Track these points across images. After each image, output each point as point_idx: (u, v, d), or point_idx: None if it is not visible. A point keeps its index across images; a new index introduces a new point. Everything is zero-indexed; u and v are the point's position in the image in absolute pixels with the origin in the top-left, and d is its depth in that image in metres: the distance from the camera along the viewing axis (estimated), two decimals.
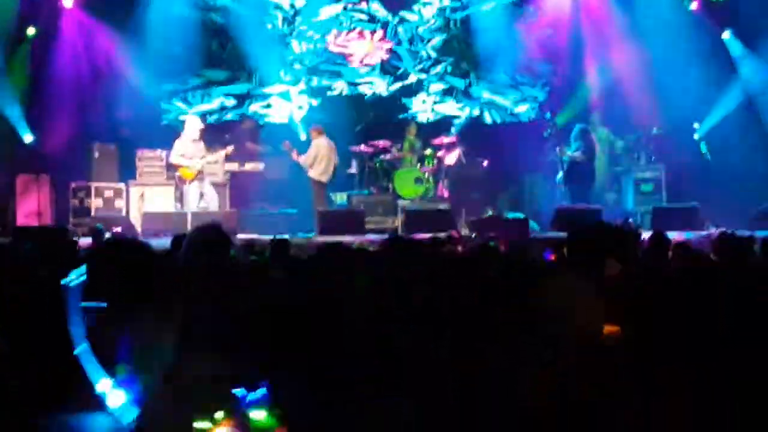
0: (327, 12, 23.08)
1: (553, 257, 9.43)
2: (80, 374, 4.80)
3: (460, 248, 10.98)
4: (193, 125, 18.83)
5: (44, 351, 5.07)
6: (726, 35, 21.03)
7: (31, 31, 20.64)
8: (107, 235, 14.55)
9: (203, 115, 21.15)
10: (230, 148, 19.38)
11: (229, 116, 22.81)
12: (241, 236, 16.76)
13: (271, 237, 12.24)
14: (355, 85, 23.16)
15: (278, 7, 23.04)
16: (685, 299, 4.92)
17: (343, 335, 4.76)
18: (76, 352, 4.86)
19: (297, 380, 4.59)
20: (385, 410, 4.32)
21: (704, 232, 14.89)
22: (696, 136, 20.34)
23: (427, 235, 13.05)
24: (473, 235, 15.83)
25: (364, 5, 23.23)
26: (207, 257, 5.94)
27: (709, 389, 4.13)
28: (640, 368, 4.24)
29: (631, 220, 19.14)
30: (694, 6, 21.03)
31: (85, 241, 14.25)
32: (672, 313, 4.77)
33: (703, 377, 4.18)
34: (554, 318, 4.25)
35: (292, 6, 23.09)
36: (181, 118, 21.24)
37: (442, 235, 13.29)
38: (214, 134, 20.15)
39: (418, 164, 20.67)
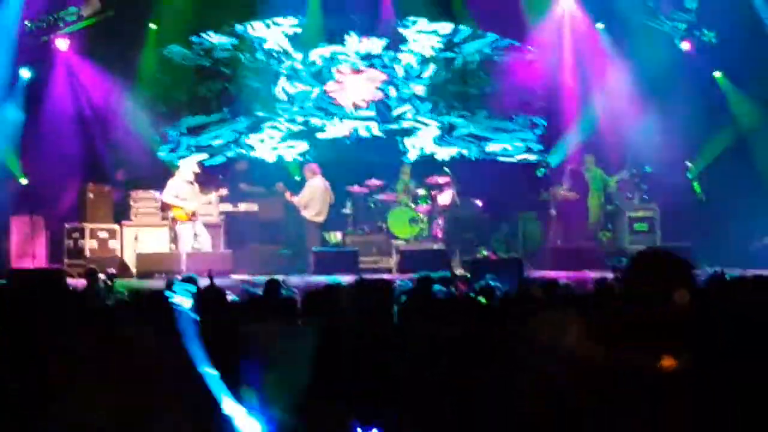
0: (319, 53, 23.21)
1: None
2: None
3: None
4: (188, 167, 18.86)
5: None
6: (717, 74, 21.16)
7: (25, 73, 20.70)
8: (102, 276, 14.52)
9: (196, 156, 21.15)
10: (224, 191, 19.41)
11: (222, 157, 22.85)
12: (235, 276, 16.81)
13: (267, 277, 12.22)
14: (349, 125, 23.22)
15: (271, 49, 23.15)
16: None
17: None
18: (200, 370, 4.85)
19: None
20: None
21: (697, 272, 14.88)
22: (689, 176, 20.40)
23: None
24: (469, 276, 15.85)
25: (355, 46, 23.35)
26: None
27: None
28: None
29: (624, 259, 19.15)
30: (685, 46, 21.13)
31: (81, 282, 14.25)
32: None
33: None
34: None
35: (284, 49, 23.20)
36: (176, 159, 21.31)
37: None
38: (208, 175, 20.16)
39: (413, 204, 20.68)
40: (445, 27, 23.45)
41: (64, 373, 5.24)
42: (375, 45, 23.41)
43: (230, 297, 9.16)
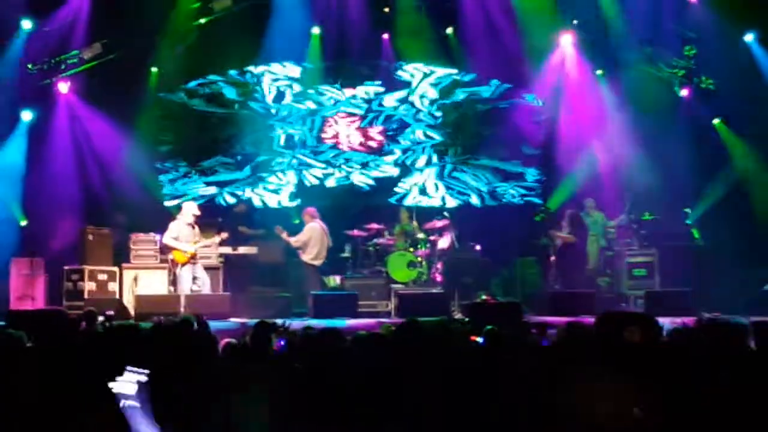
0: (319, 99, 23.34)
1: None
2: None
3: None
4: (189, 210, 18.88)
5: None
6: (716, 121, 21.24)
7: (27, 115, 20.77)
8: (100, 318, 14.49)
9: (197, 200, 21.17)
10: (224, 235, 19.42)
11: (221, 200, 22.89)
12: (233, 320, 16.77)
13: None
14: (348, 170, 23.28)
15: (271, 94, 23.26)
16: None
17: None
18: None
19: None
20: None
21: (695, 318, 14.83)
22: (688, 221, 20.42)
23: None
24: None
25: (354, 92, 23.47)
26: None
27: None
28: None
29: (623, 305, 19.19)
30: (684, 93, 21.22)
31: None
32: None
33: None
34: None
35: (284, 94, 23.32)
36: (176, 202, 21.38)
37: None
38: (208, 218, 20.16)
39: (411, 248, 20.67)
40: (445, 73, 23.57)
41: None
42: (375, 91, 23.51)
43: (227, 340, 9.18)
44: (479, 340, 9.28)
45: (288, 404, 5.41)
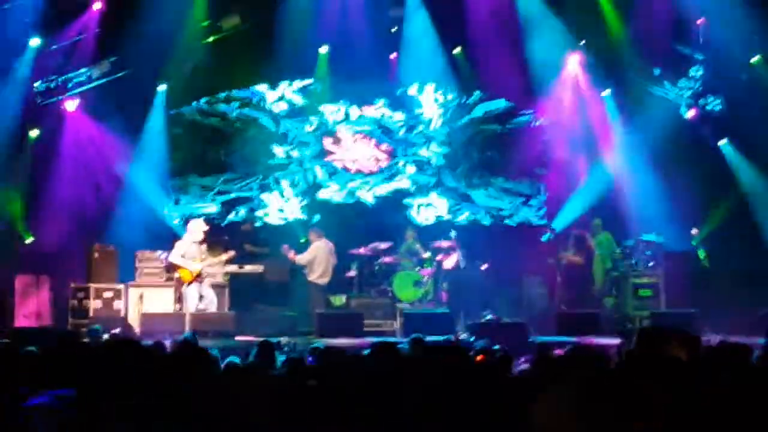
0: (326, 117, 23.36)
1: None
2: None
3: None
4: (196, 227, 18.89)
5: None
6: (723, 142, 21.23)
7: (33, 133, 20.82)
8: (105, 336, 14.56)
9: (203, 218, 21.17)
10: (232, 253, 19.46)
11: (228, 218, 22.91)
12: (239, 338, 16.79)
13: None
14: (354, 188, 23.29)
15: (279, 112, 23.30)
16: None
17: None
18: None
19: None
20: None
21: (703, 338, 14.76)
22: (693, 242, 20.41)
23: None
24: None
25: (362, 111, 23.49)
26: None
27: None
28: None
29: (629, 325, 19.15)
30: (690, 114, 21.19)
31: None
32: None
33: None
34: None
35: (292, 112, 23.35)
36: (182, 220, 21.41)
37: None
38: (214, 236, 20.18)
39: (417, 267, 20.68)
40: (452, 92, 23.57)
41: None
42: (383, 110, 23.54)
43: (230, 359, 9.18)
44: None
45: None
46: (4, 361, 7.40)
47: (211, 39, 21.98)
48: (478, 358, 9.65)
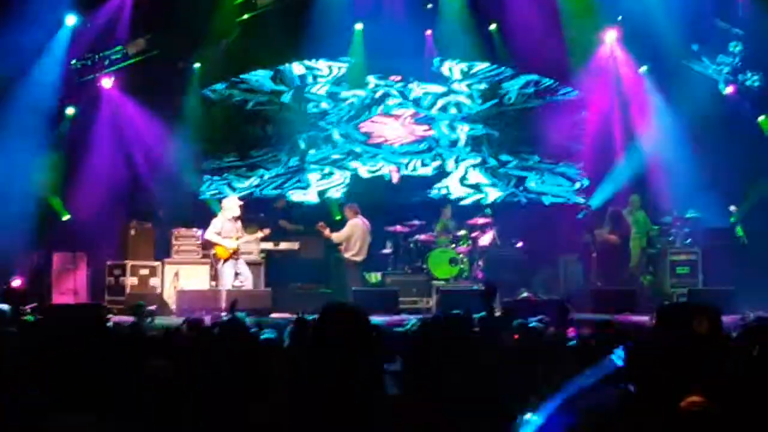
0: (362, 94, 23.35)
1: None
2: None
3: None
4: (231, 205, 18.87)
5: None
6: (762, 118, 21.02)
7: (70, 111, 20.88)
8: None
9: (240, 194, 21.18)
10: (267, 231, 19.44)
11: (263, 195, 22.94)
12: (275, 315, 16.79)
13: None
14: (390, 166, 23.28)
15: (313, 91, 23.32)
16: None
17: None
18: None
19: None
20: None
21: (739, 316, 14.66)
22: (732, 219, 20.24)
23: None
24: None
25: (398, 88, 23.47)
26: None
27: None
28: None
29: (666, 303, 19.02)
30: (729, 90, 20.99)
31: (125, 319, 14.35)
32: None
33: None
34: None
35: (327, 90, 23.37)
36: (218, 197, 21.45)
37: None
38: (249, 214, 20.18)
39: (453, 245, 20.62)
40: (488, 69, 23.51)
41: None
42: (419, 87, 23.53)
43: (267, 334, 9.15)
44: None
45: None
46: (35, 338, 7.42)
47: (245, 16, 21.92)
48: (515, 336, 9.61)
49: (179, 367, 6.45)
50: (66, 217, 20.65)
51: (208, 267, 19.66)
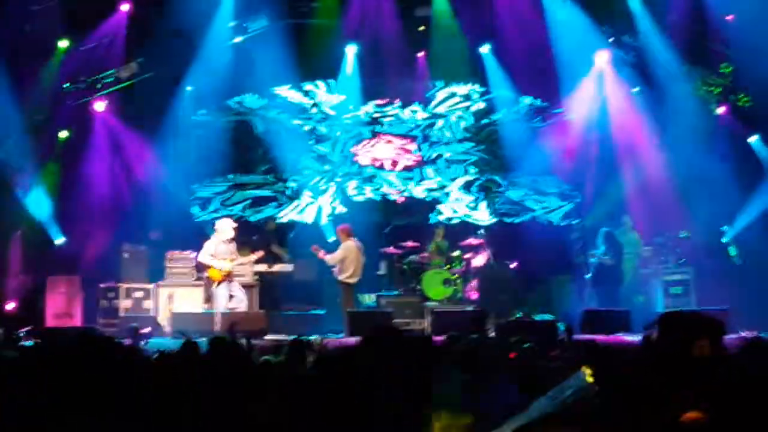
0: (355, 117, 23.42)
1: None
2: None
3: None
4: (225, 227, 18.88)
5: None
6: (753, 139, 21.09)
7: (63, 134, 20.91)
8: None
9: (233, 217, 21.17)
10: (260, 253, 19.47)
11: (257, 218, 22.96)
12: (269, 337, 16.79)
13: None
14: (383, 187, 23.33)
15: (306, 112, 23.39)
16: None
17: None
18: None
19: None
20: None
21: (734, 336, 14.68)
22: (724, 239, 20.29)
23: None
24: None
25: (390, 110, 23.53)
26: None
27: None
28: None
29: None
30: (720, 110, 21.08)
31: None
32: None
33: None
34: None
35: (319, 112, 23.41)
36: (212, 219, 21.47)
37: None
38: (242, 235, 20.17)
39: (447, 266, 20.64)
40: (481, 91, 23.58)
41: None
42: (410, 108, 23.59)
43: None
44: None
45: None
46: (36, 361, 7.40)
47: (237, 39, 21.99)
48: (511, 355, 9.61)
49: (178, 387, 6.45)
50: (59, 241, 20.64)
51: (201, 289, 19.63)
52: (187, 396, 6.05)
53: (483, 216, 23.38)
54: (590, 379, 4.58)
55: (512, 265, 21.25)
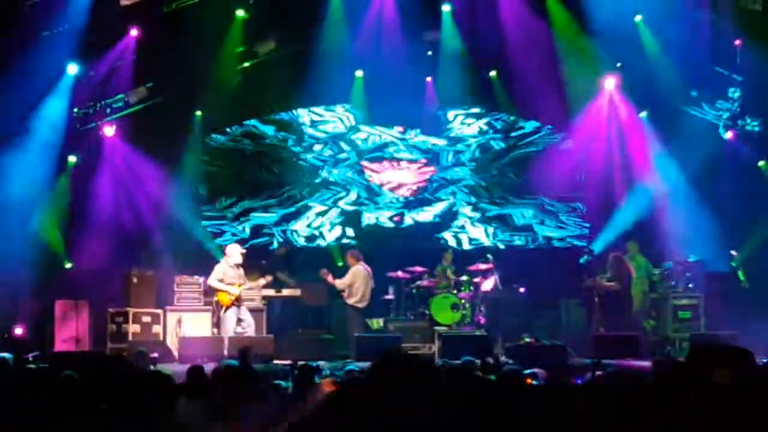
0: (363, 141, 23.46)
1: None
2: None
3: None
4: (234, 251, 18.92)
5: None
6: (761, 163, 21.08)
7: (72, 158, 20.94)
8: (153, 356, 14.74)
9: (241, 242, 21.17)
10: (269, 278, 19.51)
11: (265, 242, 22.98)
12: (278, 362, 16.76)
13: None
14: (391, 212, 23.35)
15: (315, 136, 23.42)
16: None
17: None
18: None
19: None
20: None
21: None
22: (733, 264, 20.26)
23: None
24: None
25: (398, 135, 23.59)
26: None
27: None
28: None
29: (669, 348, 19.05)
30: (729, 135, 21.07)
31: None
32: None
33: None
34: None
35: (328, 136, 23.46)
36: (221, 244, 21.51)
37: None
38: (251, 261, 20.17)
39: (455, 290, 20.61)
40: (487, 115, 23.62)
41: None
42: (418, 134, 23.62)
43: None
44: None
45: None
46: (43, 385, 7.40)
47: (246, 64, 22.06)
48: (527, 381, 9.59)
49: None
50: (68, 265, 20.66)
51: (210, 314, 19.63)
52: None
53: (491, 240, 23.38)
54: None
55: (521, 290, 21.21)
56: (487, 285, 20.89)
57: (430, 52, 22.83)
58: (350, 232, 23.27)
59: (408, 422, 4.46)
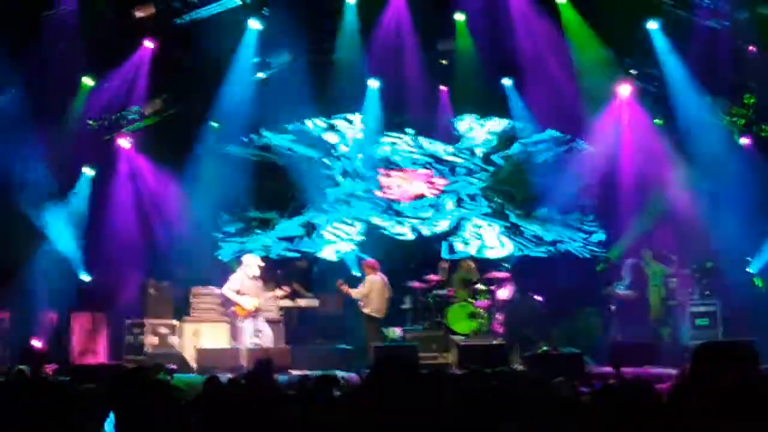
0: (377, 151, 23.47)
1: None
2: None
3: None
4: (252, 262, 18.94)
5: None
6: None
7: (89, 171, 20.98)
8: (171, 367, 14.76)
9: (257, 252, 21.18)
10: (287, 289, 19.55)
11: (281, 253, 23.00)
12: (294, 372, 16.76)
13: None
14: (408, 222, 23.34)
15: (329, 147, 23.45)
16: None
17: None
18: None
19: None
20: None
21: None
22: (751, 270, 20.19)
23: None
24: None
25: (413, 145, 23.60)
26: None
27: None
28: None
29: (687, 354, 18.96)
30: (744, 141, 21.00)
31: None
32: None
33: None
34: None
35: (343, 146, 23.48)
36: (237, 254, 21.52)
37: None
38: (268, 271, 20.19)
39: (472, 300, 20.58)
40: (502, 124, 23.63)
41: None
42: (433, 143, 23.63)
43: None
44: None
45: None
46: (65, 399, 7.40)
47: (261, 75, 22.07)
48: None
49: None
50: (85, 278, 20.70)
51: (227, 325, 19.63)
52: None
53: (507, 249, 23.35)
54: None
55: (538, 298, 21.17)
56: (504, 294, 20.85)
57: (444, 61, 22.83)
58: (365, 241, 23.23)
59: (402, 427, 4.48)
